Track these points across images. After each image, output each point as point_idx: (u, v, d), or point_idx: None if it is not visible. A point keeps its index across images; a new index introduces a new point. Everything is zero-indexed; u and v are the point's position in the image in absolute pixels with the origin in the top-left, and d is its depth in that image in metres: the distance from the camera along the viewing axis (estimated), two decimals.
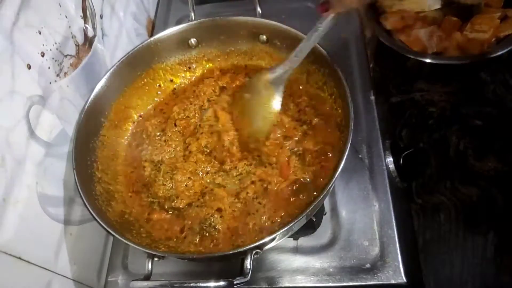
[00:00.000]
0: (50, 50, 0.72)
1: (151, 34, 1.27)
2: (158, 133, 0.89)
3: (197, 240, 0.75)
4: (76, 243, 0.80)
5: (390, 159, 0.95)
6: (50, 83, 0.72)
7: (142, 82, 0.93)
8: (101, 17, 0.91)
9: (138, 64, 0.91)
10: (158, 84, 0.96)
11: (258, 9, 0.94)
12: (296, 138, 0.83)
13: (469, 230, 1.57)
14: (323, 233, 0.86)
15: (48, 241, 0.72)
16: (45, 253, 0.71)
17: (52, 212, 0.73)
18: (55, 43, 0.73)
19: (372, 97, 1.02)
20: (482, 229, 1.57)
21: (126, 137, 0.91)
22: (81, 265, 0.81)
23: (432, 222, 1.60)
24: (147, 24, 1.23)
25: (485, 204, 1.61)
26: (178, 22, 1.32)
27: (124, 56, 0.87)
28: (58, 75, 0.75)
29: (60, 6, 0.75)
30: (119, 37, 1.01)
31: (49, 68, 0.72)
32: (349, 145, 0.69)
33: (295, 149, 0.82)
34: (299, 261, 0.83)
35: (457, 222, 1.60)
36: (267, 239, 0.63)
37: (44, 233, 0.71)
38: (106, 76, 0.84)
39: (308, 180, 0.79)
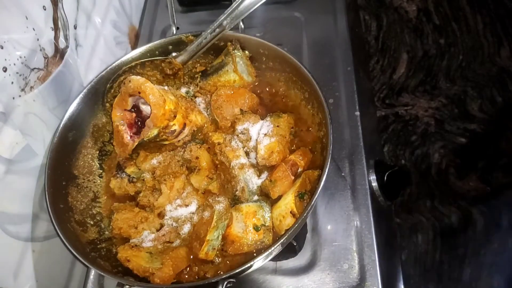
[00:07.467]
0: (14, 64, 0.69)
1: (135, 42, 1.23)
2: None
3: None
4: (40, 259, 0.77)
5: (373, 177, 0.92)
6: (14, 98, 0.70)
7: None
8: (75, 27, 0.88)
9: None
10: None
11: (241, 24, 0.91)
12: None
13: (445, 253, 1.54)
14: (303, 254, 0.85)
15: (5, 260, 0.70)
16: (2, 272, 0.69)
17: (12, 231, 0.71)
18: (20, 57, 0.71)
19: (357, 113, 0.99)
20: (459, 252, 1.53)
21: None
22: (45, 281, 0.79)
23: (409, 243, 1.57)
24: (129, 32, 1.20)
25: (464, 226, 1.57)
26: (164, 31, 1.29)
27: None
28: (23, 90, 0.72)
29: (27, 18, 0.72)
30: (96, 47, 0.98)
31: (12, 83, 0.69)
32: (326, 172, 0.68)
33: None
34: (278, 282, 0.82)
35: (434, 243, 1.57)
36: (237, 270, 0.62)
37: (2, 253, 0.69)
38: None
39: None
